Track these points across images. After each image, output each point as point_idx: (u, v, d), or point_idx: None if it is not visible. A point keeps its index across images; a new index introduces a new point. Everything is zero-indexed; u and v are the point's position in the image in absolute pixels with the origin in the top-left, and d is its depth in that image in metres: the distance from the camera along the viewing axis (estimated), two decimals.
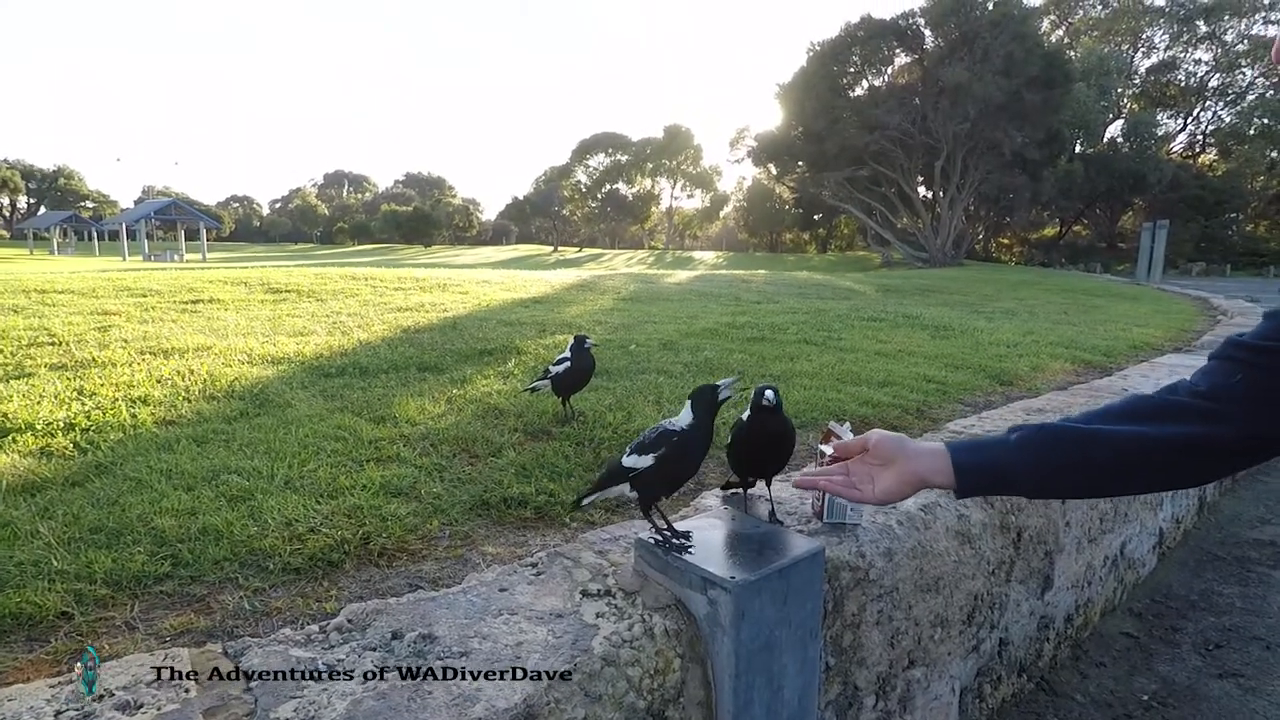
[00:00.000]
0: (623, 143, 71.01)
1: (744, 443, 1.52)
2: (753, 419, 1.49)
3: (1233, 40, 46.36)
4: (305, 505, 1.79)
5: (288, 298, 5.94)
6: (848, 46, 32.81)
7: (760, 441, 1.51)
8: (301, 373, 3.24)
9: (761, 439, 1.51)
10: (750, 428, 1.50)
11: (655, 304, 7.06)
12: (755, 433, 1.50)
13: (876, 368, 3.91)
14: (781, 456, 1.54)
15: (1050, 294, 11.87)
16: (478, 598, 1.28)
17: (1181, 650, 2.57)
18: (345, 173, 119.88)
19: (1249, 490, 4.27)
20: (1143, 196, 42.55)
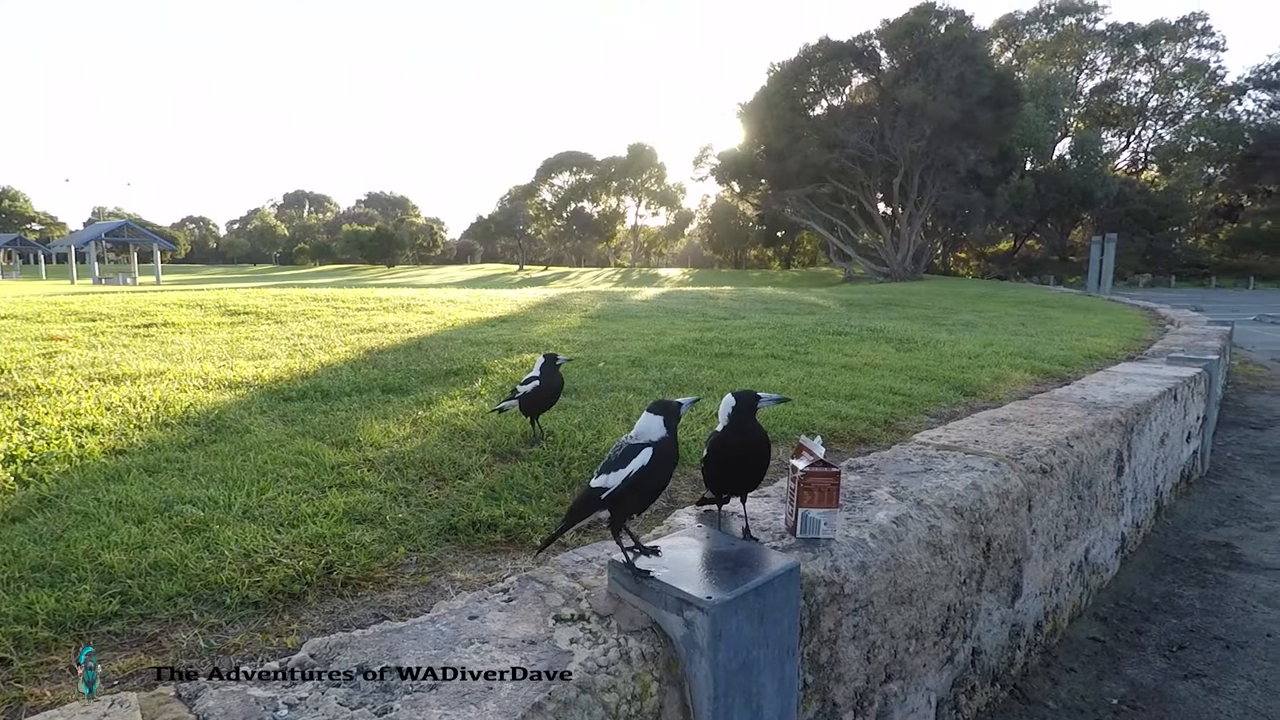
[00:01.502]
0: (587, 161, 71.41)
1: (721, 456, 1.51)
2: (731, 431, 1.49)
3: (1169, 63, 48.58)
4: (264, 535, 1.72)
5: (246, 320, 5.80)
6: (807, 67, 33.53)
7: (739, 454, 1.50)
8: (260, 397, 3.15)
9: (740, 451, 1.50)
10: (728, 440, 1.50)
11: (623, 321, 7.05)
12: (734, 445, 1.50)
13: (843, 381, 3.94)
14: (759, 471, 1.53)
15: (1008, 306, 12.16)
16: (447, 627, 1.23)
17: (1147, 653, 2.61)
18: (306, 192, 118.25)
19: (1202, 494, 4.40)
20: (1091, 211, 44.08)
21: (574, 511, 1.37)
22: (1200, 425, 4.67)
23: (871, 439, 2.96)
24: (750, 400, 1.50)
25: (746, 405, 1.50)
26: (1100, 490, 2.88)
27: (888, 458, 2.31)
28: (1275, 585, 3.15)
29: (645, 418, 1.34)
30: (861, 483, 2.01)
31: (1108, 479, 2.95)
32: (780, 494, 1.86)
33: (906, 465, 2.20)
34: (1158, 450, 3.67)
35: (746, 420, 1.50)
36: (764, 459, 1.51)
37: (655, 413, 1.34)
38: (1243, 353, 10.19)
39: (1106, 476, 2.94)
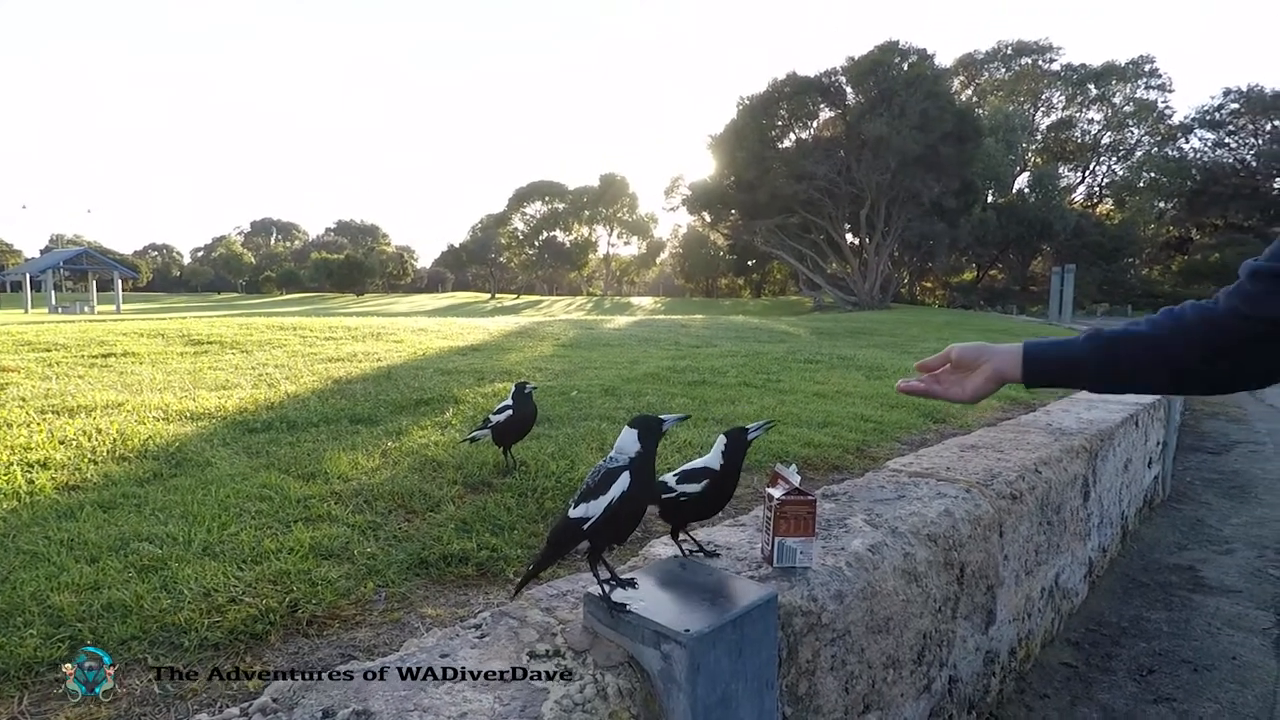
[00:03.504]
0: (559, 191, 71.86)
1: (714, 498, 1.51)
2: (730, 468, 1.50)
3: (1120, 102, 50.75)
4: (225, 573, 1.66)
5: (209, 349, 5.68)
6: (775, 101, 34.33)
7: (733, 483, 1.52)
8: (223, 429, 3.07)
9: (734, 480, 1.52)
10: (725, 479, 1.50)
11: (596, 350, 7.04)
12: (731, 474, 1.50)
13: (816, 409, 3.97)
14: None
15: (973, 334, 12.41)
16: (417, 665, 1.19)
17: (1118, 677, 2.63)
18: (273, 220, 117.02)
19: (1165, 519, 4.48)
20: (1050, 243, 45.42)
21: (553, 545, 1.32)
22: (1161, 450, 4.77)
23: (845, 466, 2.98)
24: (742, 437, 1.51)
25: (739, 443, 1.51)
26: (1068, 515, 2.92)
27: (861, 485, 2.31)
28: (1237, 608, 3.21)
29: (624, 432, 1.31)
30: (836, 510, 2.01)
31: (1075, 504, 3.00)
32: (756, 523, 1.85)
33: (880, 492, 2.21)
34: (1122, 475, 3.74)
35: (739, 457, 1.51)
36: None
37: (633, 426, 1.31)
38: None
39: (1074, 502, 2.98)
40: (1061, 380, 1.14)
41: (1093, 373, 1.10)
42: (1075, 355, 1.10)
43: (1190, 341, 1.02)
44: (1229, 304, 0.99)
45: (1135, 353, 1.06)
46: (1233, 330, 0.98)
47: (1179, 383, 1.09)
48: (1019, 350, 1.14)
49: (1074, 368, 1.11)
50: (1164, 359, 1.05)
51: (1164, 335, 1.04)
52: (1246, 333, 0.97)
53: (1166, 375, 1.07)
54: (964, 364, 1.20)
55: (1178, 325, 1.03)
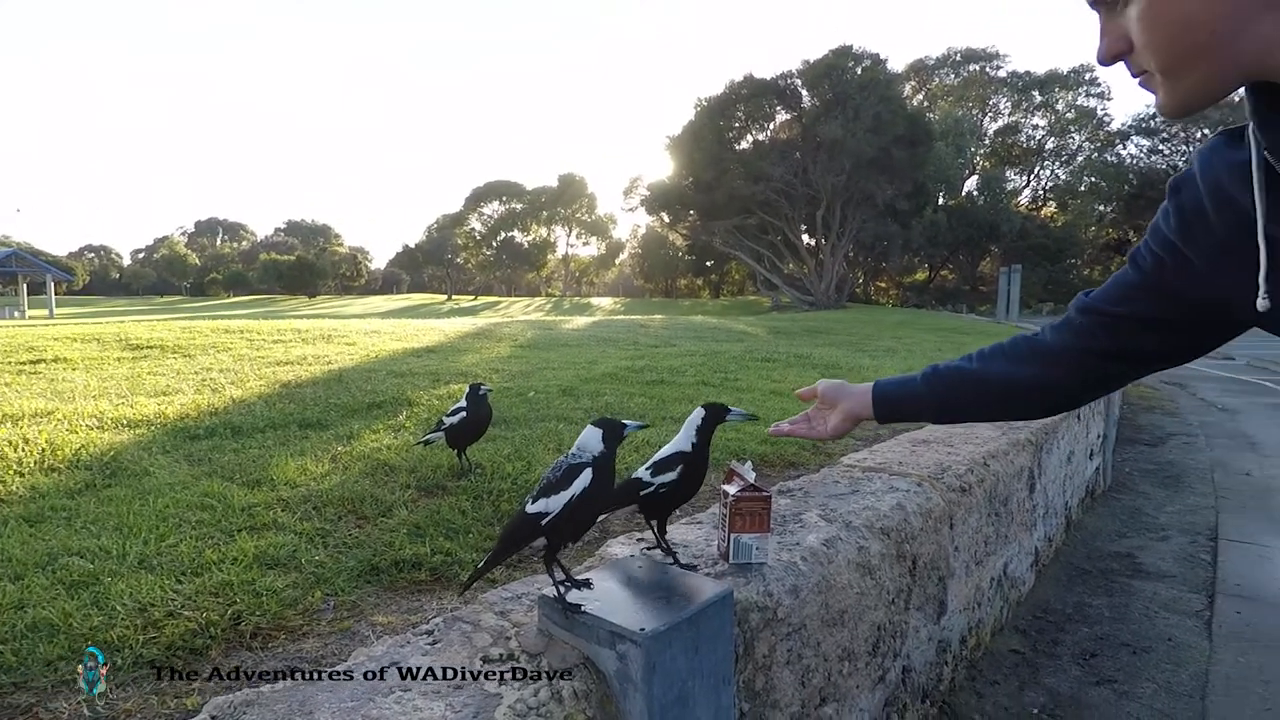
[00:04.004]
0: (517, 191, 71.32)
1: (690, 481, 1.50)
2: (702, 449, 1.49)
3: (1063, 109, 52.58)
4: (163, 586, 1.59)
5: (149, 354, 5.47)
6: (732, 102, 34.63)
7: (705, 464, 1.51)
8: (163, 436, 2.96)
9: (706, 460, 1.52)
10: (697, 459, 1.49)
11: (554, 350, 6.99)
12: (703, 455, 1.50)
13: (772, 407, 4.00)
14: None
15: (925, 333, 12.70)
16: (366, 674, 1.16)
17: (1063, 662, 2.71)
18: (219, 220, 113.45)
19: (1106, 508, 4.64)
20: (998, 244, 46.78)
21: (507, 541, 1.30)
22: (1101, 443, 4.95)
23: (801, 463, 3.01)
24: (721, 414, 1.51)
25: (715, 418, 1.50)
26: (1015, 507, 3.00)
27: (816, 481, 2.34)
28: (1173, 592, 3.34)
29: (586, 431, 1.30)
30: (792, 506, 2.02)
31: (1022, 496, 3.08)
32: (712, 520, 1.85)
33: (835, 488, 2.23)
34: (1065, 467, 3.86)
35: (709, 436, 1.51)
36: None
37: (597, 426, 1.30)
38: None
39: (1020, 493, 3.06)
40: (909, 416, 1.22)
41: (933, 409, 1.17)
42: (916, 394, 1.17)
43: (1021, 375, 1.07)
44: (1057, 338, 1.04)
45: (964, 390, 1.13)
46: (1064, 359, 1.03)
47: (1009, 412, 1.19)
48: (869, 392, 1.22)
49: (917, 405, 1.18)
50: (989, 394, 1.12)
51: (989, 373, 1.11)
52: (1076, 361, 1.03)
53: (997, 408, 1.16)
54: (826, 401, 1.28)
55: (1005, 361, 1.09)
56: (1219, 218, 0.79)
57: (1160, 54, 0.66)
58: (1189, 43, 0.63)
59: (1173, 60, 0.66)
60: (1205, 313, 0.88)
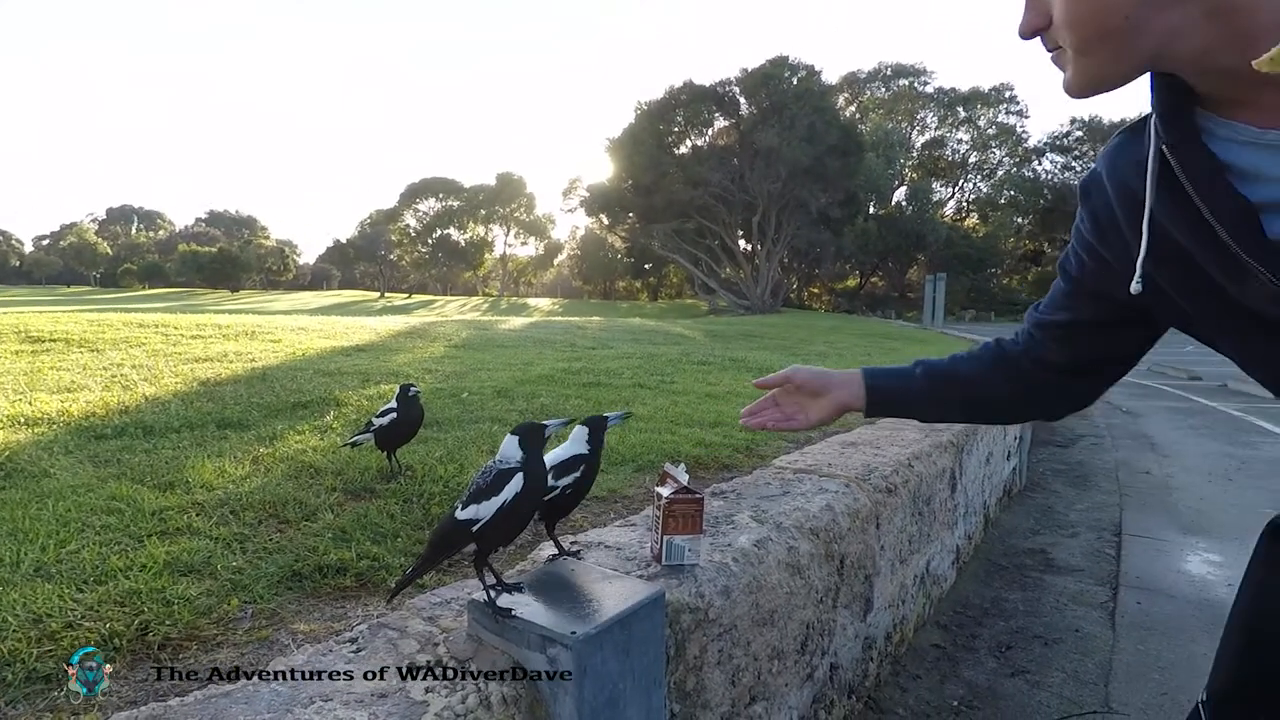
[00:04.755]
0: (454, 188, 70.03)
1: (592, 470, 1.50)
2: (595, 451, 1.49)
3: (985, 125, 55.16)
4: (62, 595, 1.49)
5: (52, 348, 5.13)
6: (672, 107, 34.94)
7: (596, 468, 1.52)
8: (66, 435, 2.77)
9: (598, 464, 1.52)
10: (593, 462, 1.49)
11: (489, 351, 6.89)
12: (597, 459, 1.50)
13: (707, 409, 4.04)
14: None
15: (855, 338, 13.08)
16: (283, 685, 1.11)
17: (980, 655, 2.83)
18: (134, 208, 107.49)
19: (1021, 507, 4.88)
20: (924, 253, 48.68)
21: (436, 548, 1.27)
22: (1018, 444, 5.19)
23: (734, 465, 3.05)
24: (602, 424, 1.52)
25: (599, 429, 1.52)
26: (938, 506, 3.11)
27: (749, 482, 2.37)
28: (1080, 585, 3.54)
29: (505, 440, 1.28)
30: (725, 508, 2.05)
31: (944, 495, 3.20)
32: (646, 522, 1.86)
33: (766, 489, 2.27)
34: (984, 468, 4.04)
35: (600, 443, 1.52)
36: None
37: (515, 434, 1.28)
38: None
39: (943, 493, 3.18)
40: (899, 411, 1.21)
41: (924, 407, 1.18)
42: (913, 389, 1.17)
43: (995, 382, 1.11)
44: (1015, 349, 1.08)
45: (952, 389, 1.15)
46: (1027, 371, 1.07)
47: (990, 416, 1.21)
48: (860, 382, 1.19)
49: (909, 400, 1.18)
50: (972, 398, 1.14)
51: (971, 376, 1.13)
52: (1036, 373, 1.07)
53: (978, 411, 1.18)
54: (808, 389, 1.23)
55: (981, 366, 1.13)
56: (1125, 217, 0.83)
57: (1075, 31, 0.70)
58: (1103, 24, 0.67)
59: (1086, 39, 0.70)
60: (1134, 311, 0.91)
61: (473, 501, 1.23)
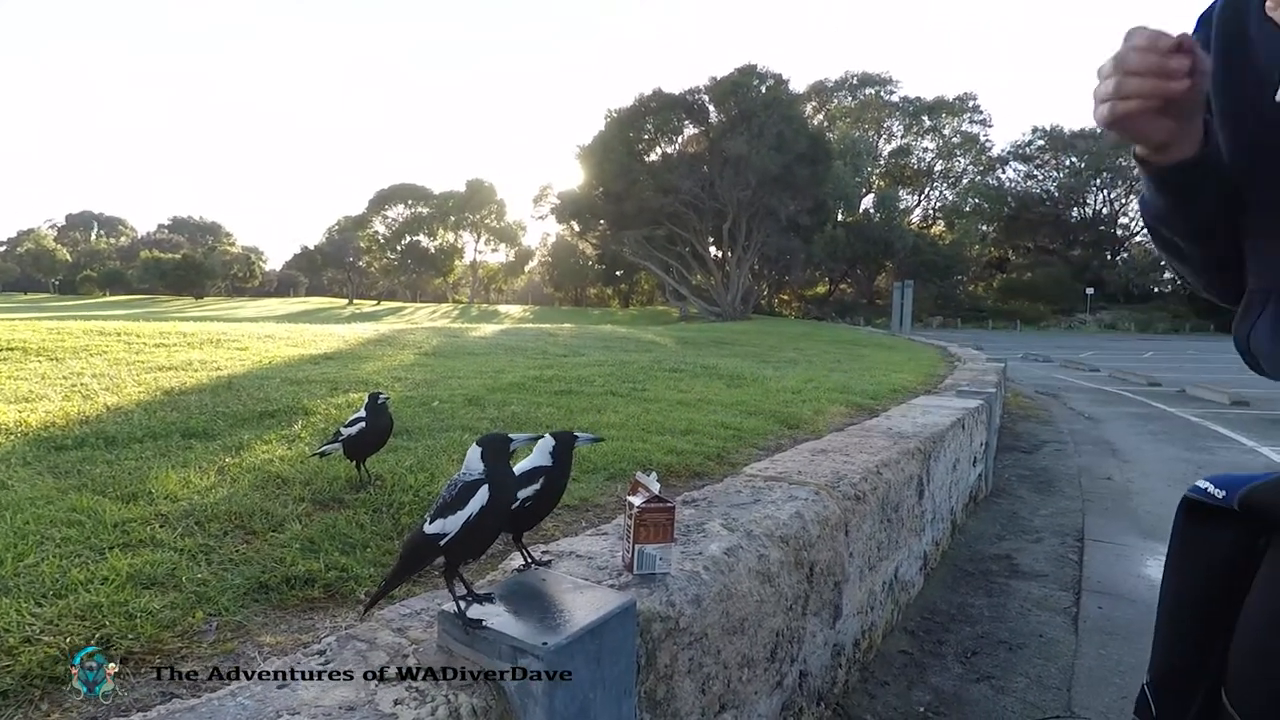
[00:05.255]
0: (423, 194, 69.45)
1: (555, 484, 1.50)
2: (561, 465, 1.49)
3: (949, 134, 56.32)
4: (20, 610, 1.46)
5: (9, 357, 4.98)
6: (642, 115, 35.10)
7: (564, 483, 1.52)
8: (24, 446, 2.70)
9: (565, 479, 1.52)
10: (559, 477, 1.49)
11: (460, 359, 6.85)
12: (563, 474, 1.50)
13: (679, 417, 4.06)
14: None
15: (825, 345, 13.22)
16: (250, 700, 1.10)
17: (946, 661, 2.88)
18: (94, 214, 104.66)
19: (987, 513, 4.97)
20: (892, 260, 49.46)
21: (407, 561, 1.27)
22: (984, 451, 5.30)
23: (706, 472, 3.07)
24: (571, 440, 1.52)
25: (568, 445, 1.51)
26: (906, 513, 3.16)
27: (720, 490, 2.40)
28: (1044, 590, 3.61)
29: (469, 451, 1.28)
30: (696, 516, 2.07)
31: (911, 502, 3.26)
32: (618, 531, 1.87)
33: (737, 497, 2.29)
34: (951, 474, 4.12)
35: (568, 458, 1.52)
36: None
37: (479, 445, 1.28)
38: (1014, 386, 11.78)
39: (910, 500, 3.24)
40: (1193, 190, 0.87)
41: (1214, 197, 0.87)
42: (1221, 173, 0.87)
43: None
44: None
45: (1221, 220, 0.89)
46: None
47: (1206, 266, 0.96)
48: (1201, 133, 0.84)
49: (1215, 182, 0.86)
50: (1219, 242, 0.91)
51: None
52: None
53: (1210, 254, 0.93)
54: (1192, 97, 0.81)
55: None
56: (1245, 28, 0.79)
57: None
58: None
59: None
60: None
61: (440, 515, 1.24)
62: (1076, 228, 56.42)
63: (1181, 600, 1.07)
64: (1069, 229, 56.29)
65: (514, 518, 1.49)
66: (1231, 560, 1.01)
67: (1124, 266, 52.64)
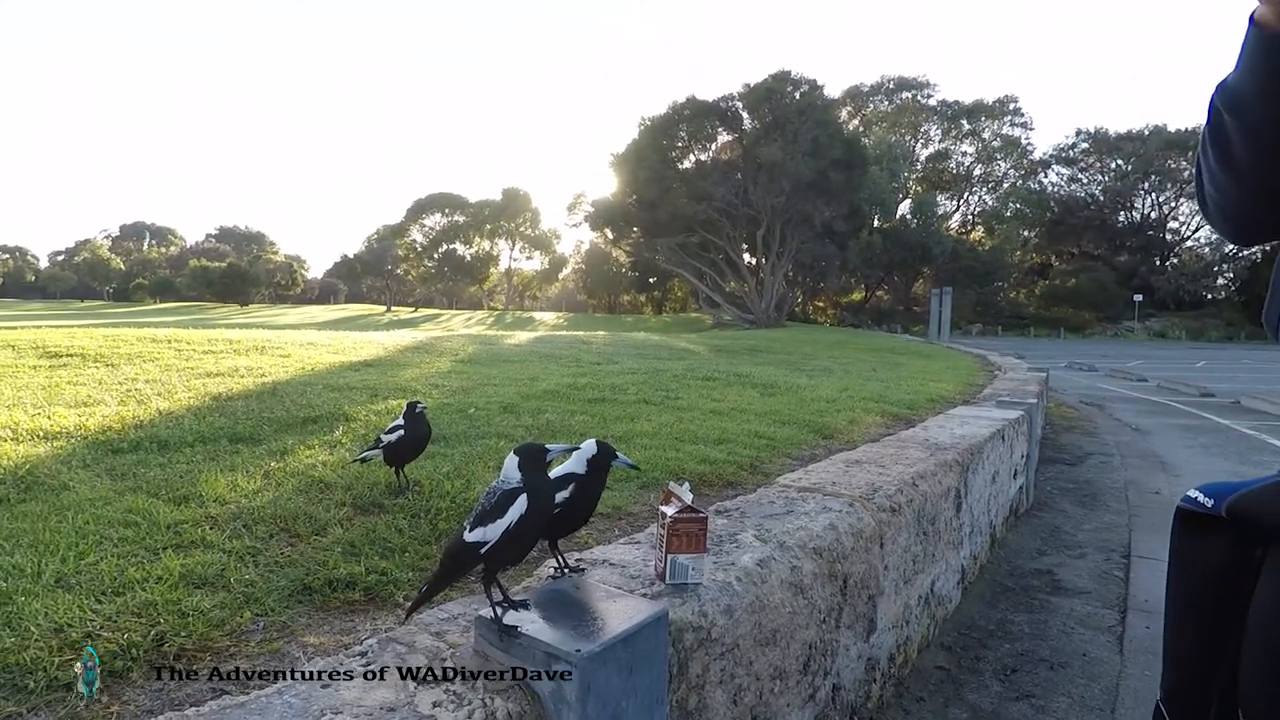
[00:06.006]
0: (460, 203, 70.47)
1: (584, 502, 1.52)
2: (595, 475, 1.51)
3: (989, 138, 55.28)
4: (81, 606, 1.53)
5: (69, 363, 5.20)
6: (676, 123, 35.16)
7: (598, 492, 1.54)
8: (84, 449, 2.82)
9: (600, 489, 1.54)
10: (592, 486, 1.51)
11: (495, 366, 6.94)
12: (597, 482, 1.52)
13: (712, 426, 4.07)
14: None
15: (860, 352, 13.06)
16: (296, 698, 1.14)
17: (985, 678, 2.83)
18: (146, 224, 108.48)
19: (1028, 526, 4.87)
20: (930, 266, 48.61)
21: (446, 569, 1.30)
22: (1024, 463, 5.19)
23: (738, 482, 3.07)
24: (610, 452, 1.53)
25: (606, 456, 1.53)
26: (943, 526, 3.12)
27: (753, 501, 2.40)
28: (1088, 608, 3.52)
29: (507, 460, 1.31)
30: (728, 526, 2.07)
31: (949, 515, 3.21)
32: (650, 540, 1.88)
33: (770, 508, 2.29)
34: (990, 487, 4.04)
35: (604, 470, 1.53)
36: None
37: (516, 454, 1.31)
38: (1057, 396, 11.49)
39: (948, 513, 3.19)
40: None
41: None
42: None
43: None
44: None
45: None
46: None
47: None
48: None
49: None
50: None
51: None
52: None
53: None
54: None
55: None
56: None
57: None
58: None
59: None
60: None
61: (479, 523, 1.26)
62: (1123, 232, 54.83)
63: (1183, 612, 1.08)
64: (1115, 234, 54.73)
65: (550, 523, 1.52)
66: (1225, 569, 1.01)
67: (1174, 272, 50.95)
